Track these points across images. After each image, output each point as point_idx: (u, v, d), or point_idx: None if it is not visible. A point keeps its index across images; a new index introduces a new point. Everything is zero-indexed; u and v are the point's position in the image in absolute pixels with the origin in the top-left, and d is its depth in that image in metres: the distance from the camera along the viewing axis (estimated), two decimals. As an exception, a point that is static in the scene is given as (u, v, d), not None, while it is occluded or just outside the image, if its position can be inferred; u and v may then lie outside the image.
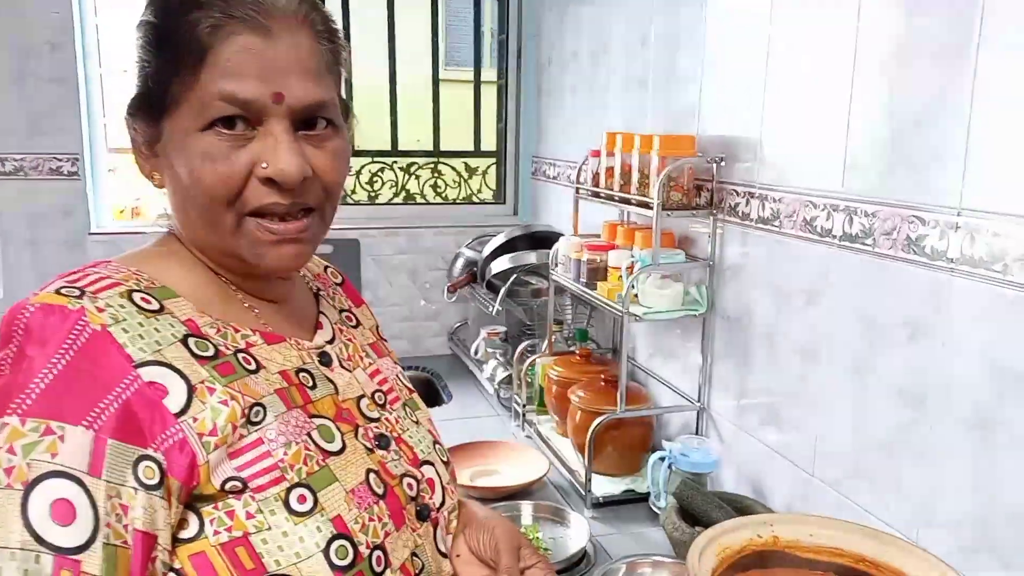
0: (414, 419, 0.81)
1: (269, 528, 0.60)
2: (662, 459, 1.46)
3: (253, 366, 0.65)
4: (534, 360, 1.92)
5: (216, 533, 0.59)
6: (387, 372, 0.83)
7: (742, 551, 0.92)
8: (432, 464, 0.77)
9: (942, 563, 0.84)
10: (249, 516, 0.59)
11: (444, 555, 0.75)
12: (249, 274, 0.70)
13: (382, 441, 0.73)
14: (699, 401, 1.60)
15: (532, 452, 1.72)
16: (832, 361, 1.22)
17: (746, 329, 1.44)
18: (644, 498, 1.53)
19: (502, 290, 1.99)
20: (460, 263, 2.34)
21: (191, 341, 0.62)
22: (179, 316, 0.63)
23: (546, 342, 1.93)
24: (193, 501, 0.59)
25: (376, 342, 0.87)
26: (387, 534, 0.66)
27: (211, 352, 0.63)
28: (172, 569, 0.58)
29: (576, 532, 1.40)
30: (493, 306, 2.00)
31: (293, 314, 0.76)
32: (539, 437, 1.83)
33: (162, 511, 0.57)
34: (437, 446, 0.82)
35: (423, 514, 0.73)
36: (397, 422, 0.77)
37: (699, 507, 1.33)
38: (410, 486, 0.72)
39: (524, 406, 1.92)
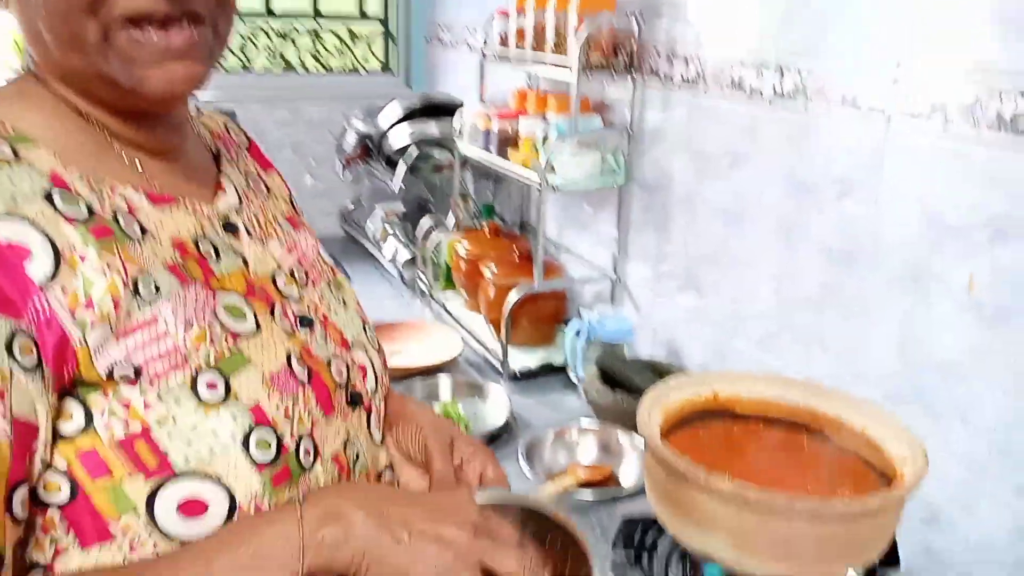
0: (340, 300, 0.71)
1: (174, 421, 0.50)
2: (579, 330, 1.45)
3: (137, 231, 0.54)
4: (439, 237, 1.84)
5: (109, 427, 0.49)
6: (306, 248, 0.72)
7: (683, 410, 0.92)
8: (363, 348, 0.69)
9: (879, 409, 0.87)
10: (148, 407, 0.50)
11: (380, 445, 0.68)
12: (128, 114, 0.57)
13: (304, 322, 0.63)
14: (614, 272, 1.58)
15: (444, 330, 1.67)
16: (757, 223, 1.22)
17: (665, 196, 1.42)
18: (561, 369, 1.52)
19: (402, 164, 1.88)
20: (352, 137, 2.18)
21: (57, 197, 0.50)
22: (40, 168, 0.51)
23: (453, 218, 1.85)
24: (75, 389, 0.49)
25: (291, 214, 0.76)
26: (315, 423, 0.58)
27: (83, 211, 0.51)
28: (52, 468, 0.49)
29: (496, 405, 1.38)
30: (395, 182, 1.88)
31: (186, 172, 0.63)
32: (448, 314, 1.78)
33: (42, 398, 0.47)
34: (367, 329, 0.73)
35: (355, 401, 0.65)
36: (321, 302, 0.67)
37: (621, 373, 1.34)
38: (339, 371, 0.63)
39: (431, 285, 1.86)
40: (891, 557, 0.78)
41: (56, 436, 0.48)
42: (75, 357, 0.48)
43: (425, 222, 1.88)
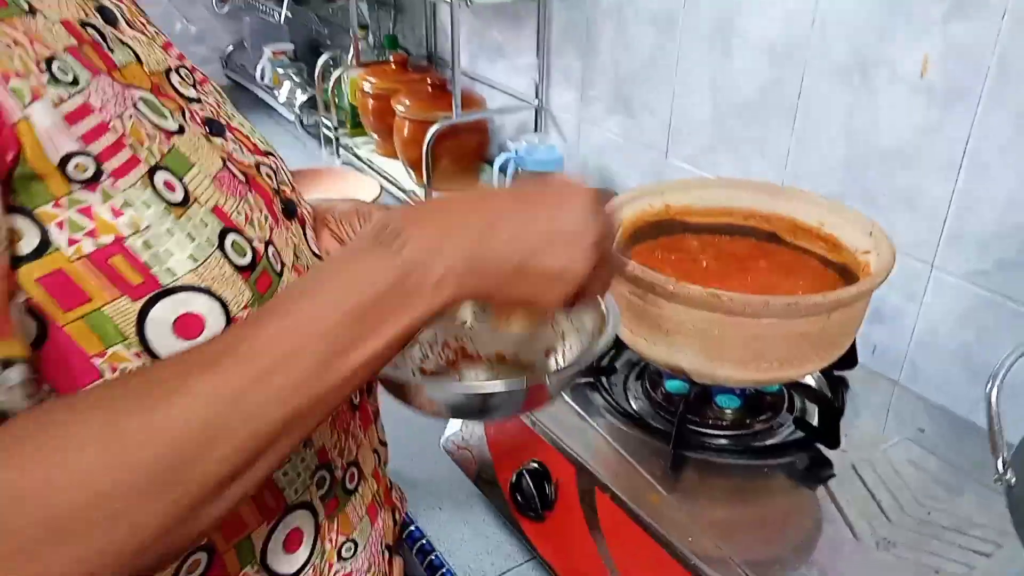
0: (230, 104, 0.60)
1: (148, 226, 0.41)
2: (505, 164, 1.37)
3: (23, 2, 0.41)
4: (340, 75, 1.68)
5: (74, 243, 0.39)
6: (178, 47, 0.60)
7: (635, 225, 0.86)
8: (275, 156, 0.59)
9: (833, 202, 0.84)
10: (117, 214, 0.40)
11: (318, 256, 0.60)
12: None
13: (214, 127, 0.53)
14: (537, 99, 1.48)
15: (357, 176, 1.55)
16: (691, 27, 1.13)
17: (590, 9, 1.30)
18: (488, 206, 1.45)
19: (290, -7, 1.67)
20: (226, -32, 1.93)
21: None
22: None
23: (352, 53, 1.68)
24: (16, 197, 0.38)
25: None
26: (272, 228, 0.49)
27: None
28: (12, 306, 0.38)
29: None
30: (280, 13, 1.68)
31: None
32: (359, 161, 1.65)
33: None
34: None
35: (290, 211, 0.56)
36: (220, 107, 0.56)
37: (555, 203, 1.27)
38: (268, 177, 0.54)
39: (336, 129, 1.71)
40: (848, 357, 0.77)
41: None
42: (16, 138, 0.36)
43: (323, 59, 1.70)
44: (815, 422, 0.78)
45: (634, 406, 0.82)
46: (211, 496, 0.35)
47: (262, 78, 1.95)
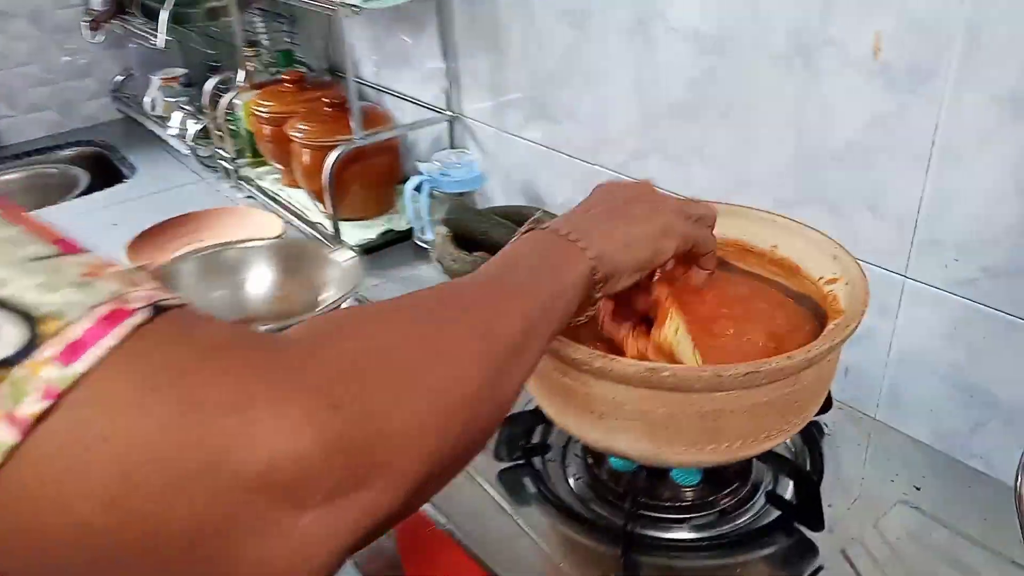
0: None
1: None
2: (420, 185, 1.21)
3: None
4: (231, 100, 1.50)
5: None
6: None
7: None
8: None
9: (788, 221, 0.70)
10: None
11: None
12: None
13: None
14: (449, 110, 1.32)
15: (258, 213, 1.38)
16: (608, 19, 0.99)
17: (492, 2, 1.15)
18: (406, 236, 1.29)
19: (164, 13, 1.48)
20: (98, -9, 1.73)
21: None
22: None
23: (242, 72, 1.50)
24: None
25: None
26: None
27: None
28: None
29: (337, 293, 1.14)
30: (157, 38, 1.49)
31: None
32: (263, 195, 1.48)
33: None
34: None
35: None
36: None
37: (476, 228, 1.12)
38: None
39: (235, 160, 1.53)
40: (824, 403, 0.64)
41: None
42: None
43: (212, 83, 1.52)
44: (790, 493, 0.65)
45: (574, 488, 0.68)
46: (512, 356, 0.41)
47: (152, 109, 1.77)
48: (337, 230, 1.26)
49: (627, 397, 0.55)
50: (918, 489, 0.64)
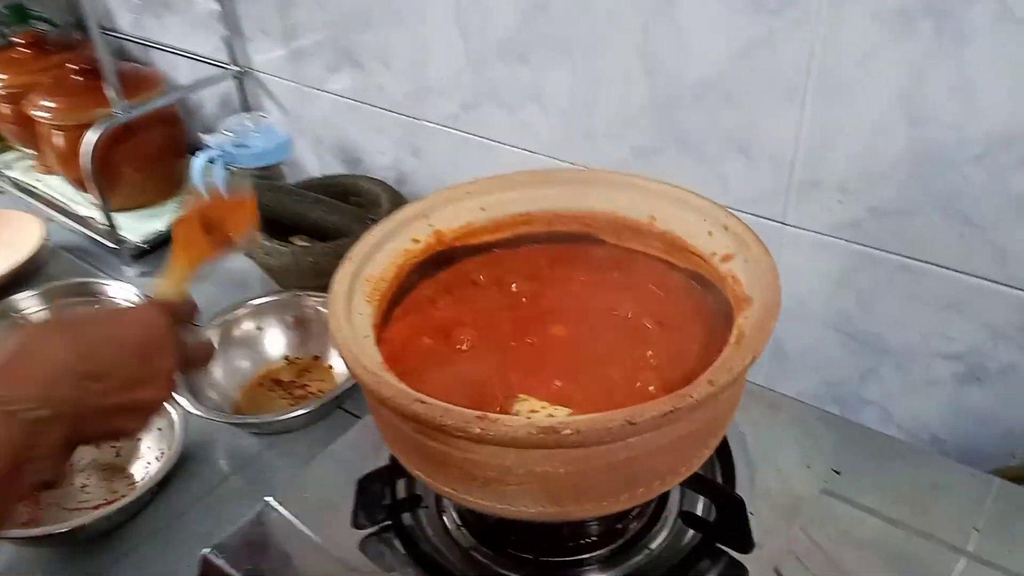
0: None
1: None
2: (212, 161, 1.00)
3: None
4: (-51, 73, 1.18)
5: None
6: None
7: (399, 274, 0.57)
8: None
9: (653, 183, 0.59)
10: None
11: None
12: None
13: None
14: (233, 63, 1.10)
15: (11, 214, 1.11)
16: (412, -56, 0.82)
17: (267, -69, 0.94)
18: (205, 222, 1.08)
19: None
20: None
21: None
22: None
23: (-44, 38, 1.19)
24: None
25: None
26: None
27: None
28: None
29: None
30: None
31: None
32: (17, 189, 1.20)
33: None
34: None
35: None
36: None
37: (289, 211, 0.94)
38: None
39: (-33, 149, 1.23)
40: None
41: None
42: None
43: (-84, 55, 1.19)
44: (701, 508, 0.56)
45: (458, 539, 0.56)
46: None
47: None
48: (112, 225, 1.03)
49: (519, 461, 0.42)
50: (838, 474, 0.57)
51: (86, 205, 1.12)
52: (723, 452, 0.59)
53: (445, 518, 0.58)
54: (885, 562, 0.52)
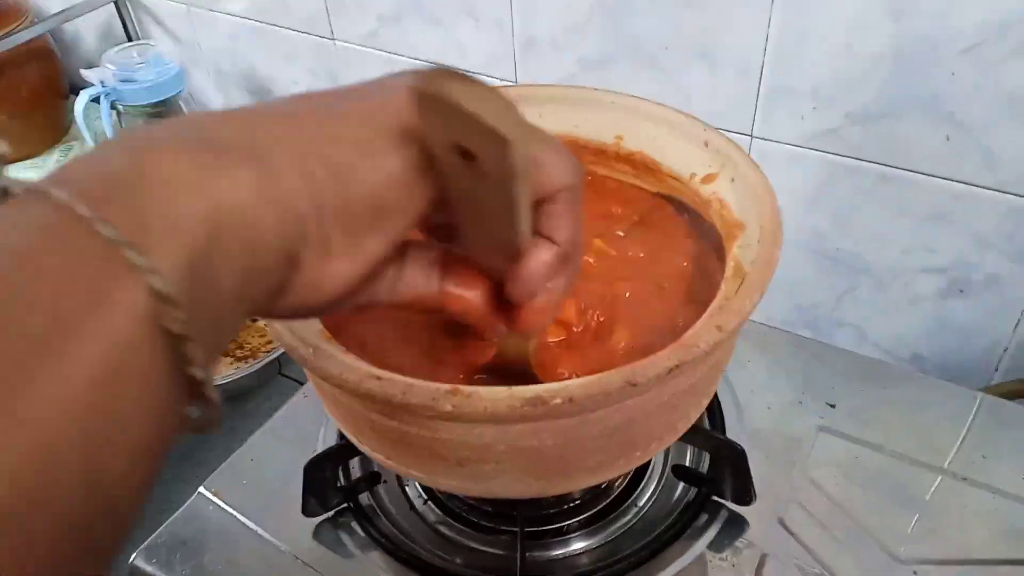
0: None
1: None
2: (96, 100, 0.87)
3: None
4: None
5: None
6: None
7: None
8: None
9: (611, 95, 0.51)
10: None
11: None
12: None
13: None
14: (110, -15, 0.96)
15: None
16: None
17: None
18: (97, 171, 0.95)
19: None
20: None
21: None
22: None
23: None
24: None
25: None
26: None
27: None
28: None
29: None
30: None
31: None
32: None
33: None
34: None
35: None
36: None
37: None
38: None
39: None
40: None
41: None
42: None
43: None
44: (688, 458, 0.51)
45: (425, 516, 0.50)
46: None
47: None
48: (-10, 183, 0.89)
49: (499, 437, 0.36)
50: (832, 407, 0.53)
51: (-47, 160, 0.97)
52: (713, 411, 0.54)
53: (408, 492, 0.51)
54: (892, 497, 0.48)
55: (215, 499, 0.51)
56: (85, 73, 0.85)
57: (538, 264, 0.28)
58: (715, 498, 0.48)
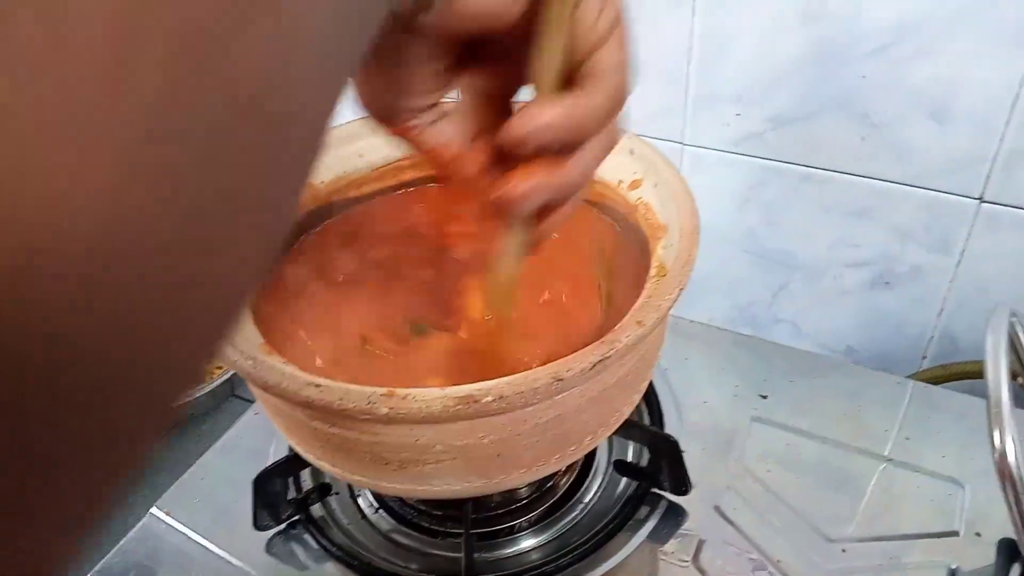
0: None
1: None
2: None
3: None
4: None
5: None
6: None
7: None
8: None
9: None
10: None
11: None
12: None
13: None
14: None
15: None
16: None
17: None
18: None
19: None
20: None
21: None
22: None
23: None
24: None
25: None
26: None
27: None
28: None
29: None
30: None
31: None
32: None
33: None
34: None
35: None
36: None
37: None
38: None
39: None
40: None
41: None
42: None
43: None
44: (631, 454, 0.53)
45: (377, 524, 0.51)
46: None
47: None
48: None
49: (436, 437, 0.37)
50: (765, 398, 0.55)
51: None
52: (648, 392, 0.56)
53: (360, 502, 0.52)
54: (823, 482, 0.50)
55: (167, 519, 0.51)
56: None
57: (541, 110, 0.24)
58: (655, 490, 0.50)
